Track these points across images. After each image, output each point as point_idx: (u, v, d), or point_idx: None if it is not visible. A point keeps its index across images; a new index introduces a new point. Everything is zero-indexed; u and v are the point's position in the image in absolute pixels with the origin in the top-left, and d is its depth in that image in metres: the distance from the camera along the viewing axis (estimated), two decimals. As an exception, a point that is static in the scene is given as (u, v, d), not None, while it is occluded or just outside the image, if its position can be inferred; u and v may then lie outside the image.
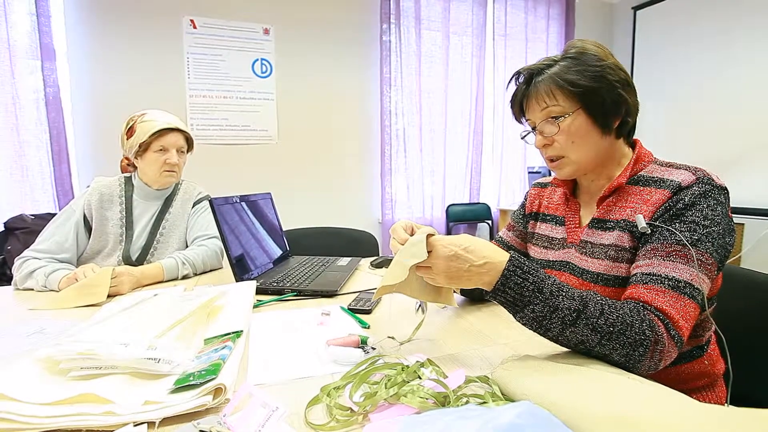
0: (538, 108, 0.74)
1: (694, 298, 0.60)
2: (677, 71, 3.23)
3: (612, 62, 0.71)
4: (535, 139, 0.77)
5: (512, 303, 0.58)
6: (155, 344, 0.58)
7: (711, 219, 0.63)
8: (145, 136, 1.22)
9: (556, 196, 0.89)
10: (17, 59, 2.26)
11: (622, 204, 0.73)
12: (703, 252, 0.62)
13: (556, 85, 0.71)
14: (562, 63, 0.72)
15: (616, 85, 0.70)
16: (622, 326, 0.56)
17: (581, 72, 0.69)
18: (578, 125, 0.71)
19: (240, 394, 0.50)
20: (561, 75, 0.70)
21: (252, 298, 0.90)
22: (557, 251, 0.84)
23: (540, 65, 0.74)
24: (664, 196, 0.67)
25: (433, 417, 0.42)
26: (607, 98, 0.70)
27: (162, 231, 1.29)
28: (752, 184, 2.76)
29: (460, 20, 3.26)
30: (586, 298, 0.57)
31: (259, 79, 2.85)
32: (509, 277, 0.57)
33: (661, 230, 0.65)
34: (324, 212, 3.05)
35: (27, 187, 2.35)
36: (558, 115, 0.72)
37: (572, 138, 0.72)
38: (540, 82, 0.73)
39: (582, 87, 0.69)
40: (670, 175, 0.69)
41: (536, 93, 0.73)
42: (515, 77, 0.78)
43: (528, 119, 0.79)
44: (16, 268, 1.09)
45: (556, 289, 0.57)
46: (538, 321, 0.57)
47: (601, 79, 0.69)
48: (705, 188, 0.65)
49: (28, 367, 0.55)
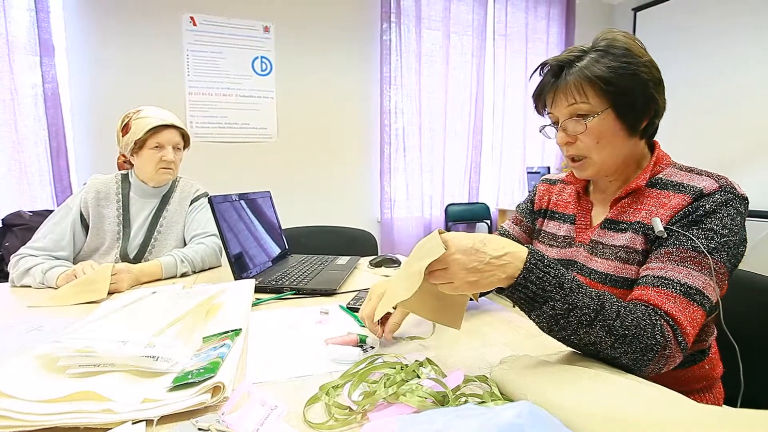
0: (565, 103, 0.69)
1: (703, 306, 0.59)
2: (677, 73, 3.23)
3: (647, 59, 0.66)
4: (558, 136, 0.73)
5: (532, 299, 0.54)
6: (154, 342, 0.58)
7: (729, 228, 0.62)
8: (140, 133, 1.21)
9: (566, 193, 0.86)
10: (16, 55, 2.25)
11: (637, 206, 0.71)
12: (717, 261, 0.61)
13: (587, 80, 0.66)
14: (592, 55, 0.67)
15: (649, 84, 0.66)
16: (636, 330, 0.54)
17: (614, 69, 0.65)
18: (606, 126, 0.67)
19: (239, 393, 0.50)
20: (593, 70, 0.65)
21: (251, 296, 0.90)
22: (563, 249, 0.82)
23: (570, 56, 0.68)
24: (684, 201, 0.65)
25: (432, 416, 0.42)
26: (638, 99, 0.66)
27: (159, 229, 1.29)
28: (752, 186, 2.77)
29: (461, 20, 3.26)
30: (603, 298, 0.55)
31: (259, 76, 2.84)
32: (531, 270, 0.52)
33: (678, 235, 0.63)
34: (323, 211, 3.04)
35: (25, 184, 2.34)
36: (586, 114, 0.68)
37: (598, 138, 0.68)
38: (570, 75, 0.67)
39: (615, 85, 0.65)
40: (692, 181, 0.66)
41: (565, 87, 0.68)
42: (540, 68, 0.73)
43: (551, 113, 0.74)
44: (13, 265, 1.08)
45: (576, 285, 0.54)
46: (555, 319, 0.53)
47: (634, 78, 0.65)
48: (727, 197, 0.63)
49: (26, 364, 0.55)
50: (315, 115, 3.00)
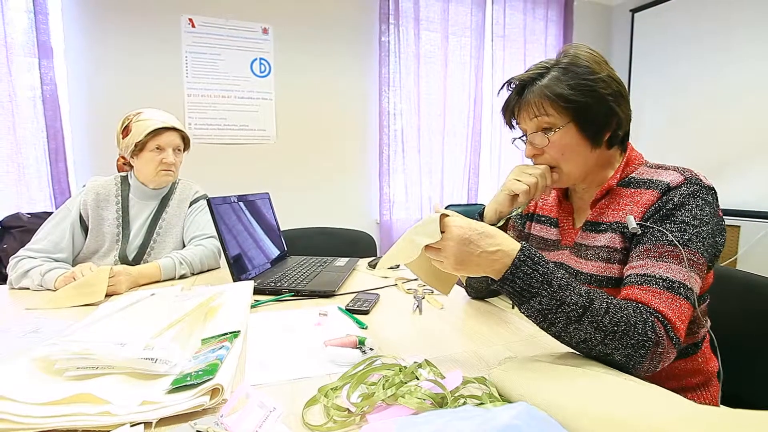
0: (528, 118, 0.75)
1: (688, 299, 0.61)
2: (674, 74, 3.24)
3: (605, 74, 0.70)
4: (526, 149, 0.78)
5: (519, 293, 0.57)
6: (152, 344, 0.58)
7: (700, 219, 0.64)
8: (140, 136, 1.21)
9: (550, 197, 0.90)
10: (14, 56, 2.24)
11: (614, 206, 0.74)
12: (694, 252, 0.63)
13: (546, 98, 0.71)
14: (553, 73, 0.71)
15: (608, 98, 0.69)
16: (626, 326, 0.56)
17: (573, 86, 0.69)
18: (568, 139, 0.72)
19: (237, 395, 0.50)
20: (552, 88, 0.70)
21: (249, 298, 0.90)
22: (551, 252, 0.85)
23: (532, 74, 0.74)
24: (653, 196, 0.68)
25: (430, 418, 0.42)
26: (598, 113, 0.70)
27: (159, 230, 1.28)
28: (748, 187, 2.78)
29: (459, 21, 3.26)
30: (592, 296, 0.57)
31: (258, 78, 2.84)
32: (519, 266, 0.56)
33: (652, 231, 0.65)
34: (322, 212, 3.04)
35: (23, 186, 2.33)
36: (549, 127, 0.72)
37: (562, 151, 0.73)
38: (531, 93, 0.73)
39: (573, 102, 0.69)
40: (659, 176, 0.69)
41: (527, 104, 0.73)
42: (506, 85, 0.78)
43: (519, 125, 0.79)
44: (11, 267, 1.08)
45: (564, 283, 0.57)
46: (544, 314, 0.57)
47: (592, 94, 0.69)
48: (693, 188, 0.66)
49: (23, 367, 0.55)
50: (314, 117, 3.00)
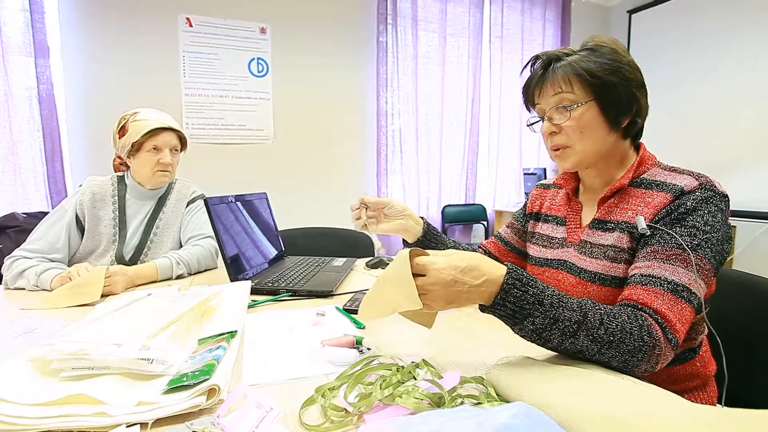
0: (551, 92, 0.74)
1: (691, 303, 0.61)
2: (671, 75, 3.25)
3: (629, 60, 0.72)
4: (543, 126, 0.77)
5: (512, 316, 0.56)
6: (149, 344, 0.58)
7: (711, 225, 0.64)
8: (137, 136, 1.21)
9: (558, 197, 0.90)
10: (10, 56, 2.24)
11: (623, 206, 0.73)
12: (701, 257, 0.62)
13: (574, 72, 0.71)
14: (581, 53, 0.72)
15: (631, 83, 0.70)
16: (621, 335, 0.55)
17: (600, 64, 0.70)
18: (589, 116, 0.71)
19: (234, 395, 0.49)
20: (580, 63, 0.71)
21: (247, 298, 0.89)
22: (556, 250, 0.84)
23: (559, 52, 0.74)
24: (666, 199, 0.67)
25: (428, 418, 0.42)
26: (621, 94, 0.70)
27: (155, 231, 1.28)
28: (744, 187, 2.79)
29: (457, 22, 3.27)
30: (585, 308, 0.56)
31: (255, 78, 2.84)
32: (508, 290, 0.55)
33: (662, 233, 0.65)
34: (320, 212, 3.04)
35: (19, 186, 2.32)
36: (570, 104, 0.72)
37: (581, 128, 0.72)
38: (558, 68, 0.72)
39: (599, 78, 0.69)
40: (673, 179, 0.69)
41: (553, 78, 0.73)
42: (532, 62, 0.78)
43: (538, 105, 0.78)
44: (6, 267, 1.07)
45: (556, 300, 0.56)
46: (538, 333, 0.56)
47: (618, 74, 0.70)
48: (707, 194, 0.65)
49: (18, 368, 0.54)
50: (311, 117, 3.00)
